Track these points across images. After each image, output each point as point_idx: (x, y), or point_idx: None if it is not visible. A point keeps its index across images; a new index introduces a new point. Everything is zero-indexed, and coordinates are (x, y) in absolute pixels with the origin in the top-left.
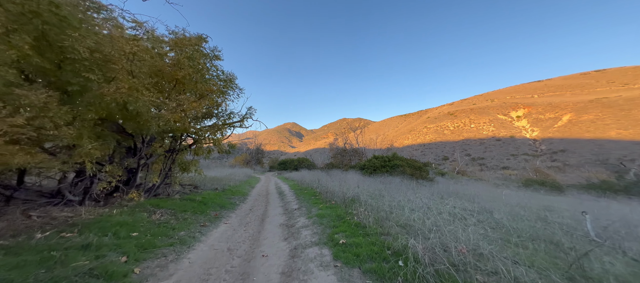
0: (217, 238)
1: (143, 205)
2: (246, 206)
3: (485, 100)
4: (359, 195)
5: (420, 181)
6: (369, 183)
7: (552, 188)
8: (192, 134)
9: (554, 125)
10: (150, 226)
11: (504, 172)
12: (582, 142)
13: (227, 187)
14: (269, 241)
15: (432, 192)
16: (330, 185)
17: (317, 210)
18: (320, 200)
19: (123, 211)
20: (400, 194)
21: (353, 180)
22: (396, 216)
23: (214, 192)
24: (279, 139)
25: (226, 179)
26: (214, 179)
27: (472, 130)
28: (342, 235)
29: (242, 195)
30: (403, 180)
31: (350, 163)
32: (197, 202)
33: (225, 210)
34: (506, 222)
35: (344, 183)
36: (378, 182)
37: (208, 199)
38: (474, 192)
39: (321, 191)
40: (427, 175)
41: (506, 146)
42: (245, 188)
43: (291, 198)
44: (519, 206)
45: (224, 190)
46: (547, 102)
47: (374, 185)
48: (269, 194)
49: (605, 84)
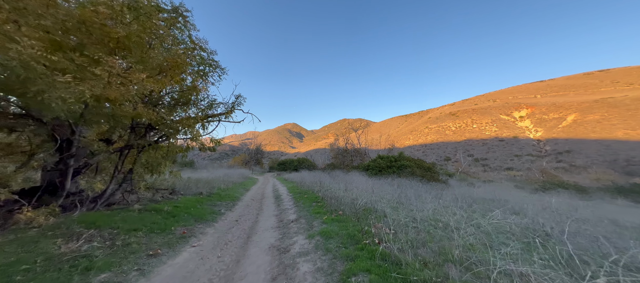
0: (166, 279)
1: (67, 225)
2: (232, 216)
3: (487, 101)
4: (375, 203)
5: (432, 183)
6: (379, 186)
7: (577, 191)
8: (157, 125)
9: (559, 125)
10: (48, 267)
11: (508, 173)
12: (588, 142)
13: (215, 191)
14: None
15: (455, 198)
16: (334, 188)
17: (321, 223)
18: (323, 209)
19: (16, 239)
20: (422, 201)
21: (359, 182)
22: (439, 239)
23: (196, 198)
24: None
25: (217, 181)
26: (201, 181)
27: (475, 131)
28: (364, 279)
29: (232, 200)
30: (412, 182)
31: (352, 164)
32: (162, 214)
33: (202, 223)
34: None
35: (350, 185)
36: (386, 184)
37: (181, 209)
38: (499, 196)
39: (324, 196)
40: (438, 177)
41: (509, 147)
42: (238, 192)
43: (289, 204)
44: (580, 219)
45: (210, 194)
46: (550, 102)
47: (384, 188)
48: (265, 198)
49: (610, 84)
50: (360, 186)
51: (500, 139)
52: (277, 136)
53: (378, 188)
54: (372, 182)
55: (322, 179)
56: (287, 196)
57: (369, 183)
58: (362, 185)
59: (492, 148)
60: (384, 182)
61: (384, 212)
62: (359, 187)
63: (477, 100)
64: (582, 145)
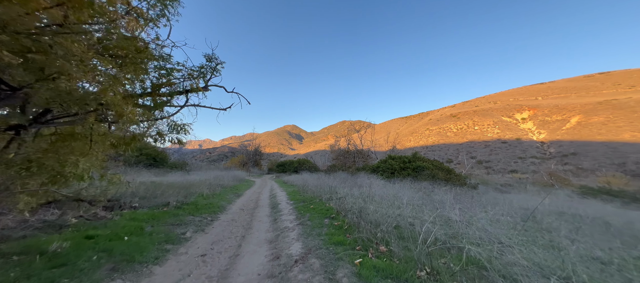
0: None
1: None
2: (200, 244)
3: (488, 102)
4: (418, 221)
5: (459, 188)
6: (401, 192)
7: (632, 200)
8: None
9: (562, 127)
10: None
11: (512, 175)
12: (594, 144)
13: (193, 199)
14: None
15: (502, 209)
16: (351, 196)
17: (354, 277)
18: (344, 233)
19: None
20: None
21: (376, 187)
22: None
23: (153, 213)
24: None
25: (202, 185)
26: (176, 186)
27: (476, 133)
28: None
29: (213, 212)
30: (435, 186)
31: (356, 166)
32: (38, 263)
33: (127, 270)
34: None
35: (365, 190)
36: (407, 189)
37: (98, 241)
38: (561, 206)
39: (339, 209)
40: (466, 181)
41: (513, 149)
42: (226, 199)
43: (290, 219)
44: None
45: (181, 205)
46: (552, 104)
47: (409, 195)
48: (258, 208)
49: (611, 86)
50: (378, 192)
51: (502, 140)
52: (276, 138)
53: (404, 196)
54: (390, 187)
55: (331, 183)
56: (286, 205)
57: (388, 188)
58: (380, 190)
59: (495, 151)
60: (403, 187)
61: (478, 256)
62: (378, 194)
63: (477, 102)
64: (588, 147)
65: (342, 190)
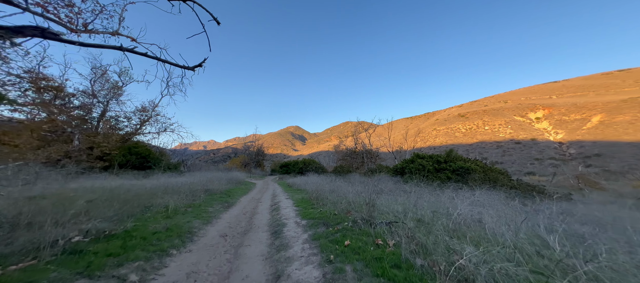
0: None
1: None
2: None
3: (498, 102)
4: None
5: (537, 199)
6: (477, 209)
7: None
8: None
9: (583, 127)
10: None
11: (530, 177)
12: (621, 145)
13: (137, 222)
14: None
15: None
16: (435, 226)
17: None
18: None
19: None
20: None
21: (433, 199)
22: None
23: None
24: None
25: (179, 192)
26: (138, 194)
27: (487, 133)
28: None
29: (159, 250)
30: (500, 196)
31: (367, 166)
32: None
33: None
34: None
35: (421, 202)
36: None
37: None
38: None
39: (430, 264)
40: (545, 190)
41: (528, 150)
42: (205, 215)
43: (311, 278)
44: None
45: (109, 236)
46: (570, 103)
47: (504, 211)
48: (251, 232)
49: (634, 84)
50: (442, 207)
51: (516, 141)
52: (279, 139)
53: (510, 218)
54: (443, 196)
55: (354, 189)
56: (297, 230)
57: (443, 198)
58: (438, 203)
59: (508, 151)
60: (458, 196)
61: None
62: (461, 213)
63: (486, 102)
64: (614, 148)
65: (394, 206)
